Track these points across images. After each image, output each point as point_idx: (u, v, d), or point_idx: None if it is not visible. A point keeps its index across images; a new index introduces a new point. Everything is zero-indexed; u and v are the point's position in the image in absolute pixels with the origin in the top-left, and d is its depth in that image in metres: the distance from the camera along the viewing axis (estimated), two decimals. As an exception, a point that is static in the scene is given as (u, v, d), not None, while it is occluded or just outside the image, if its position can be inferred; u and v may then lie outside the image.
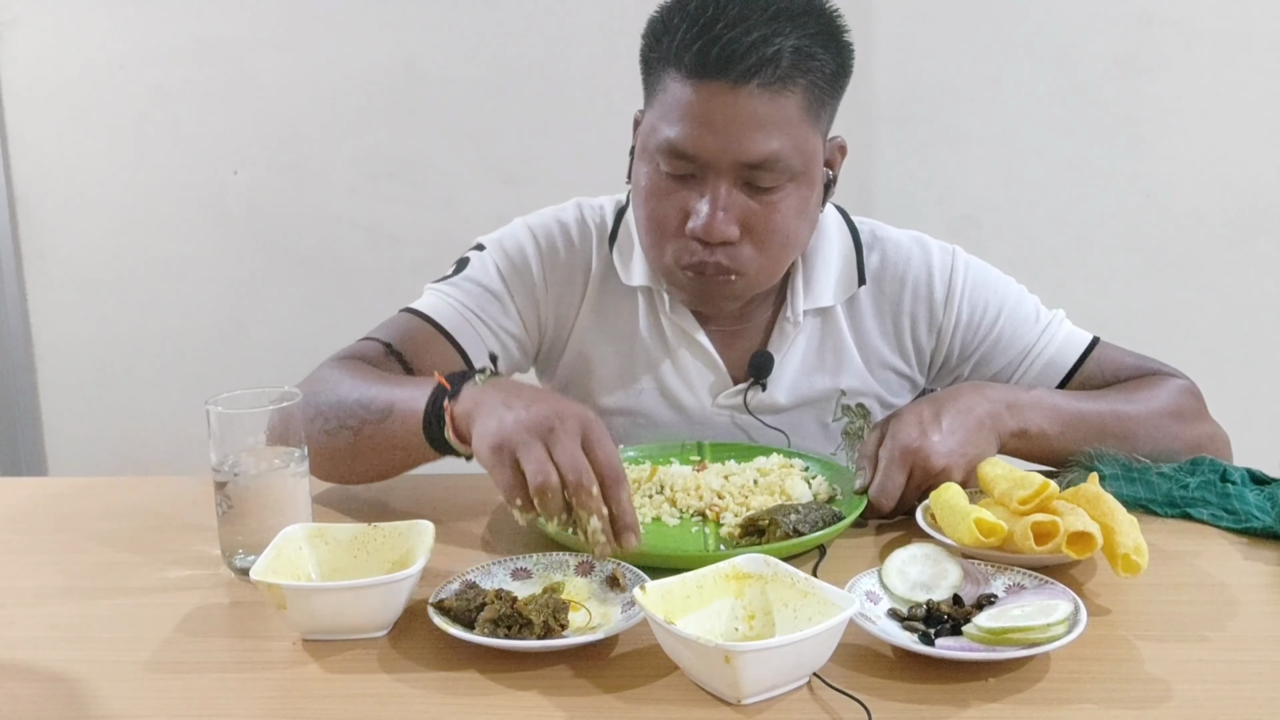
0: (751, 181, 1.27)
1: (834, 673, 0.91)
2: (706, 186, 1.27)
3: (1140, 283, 2.52)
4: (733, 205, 1.27)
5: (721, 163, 1.25)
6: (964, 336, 1.45)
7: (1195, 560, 1.14)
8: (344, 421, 1.26)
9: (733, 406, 1.45)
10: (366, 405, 1.24)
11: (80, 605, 1.08)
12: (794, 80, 1.24)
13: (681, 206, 1.29)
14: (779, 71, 1.22)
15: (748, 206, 1.28)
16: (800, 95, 1.25)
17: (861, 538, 1.21)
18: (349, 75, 2.54)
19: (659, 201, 1.30)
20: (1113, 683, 0.91)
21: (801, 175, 1.28)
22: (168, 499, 1.36)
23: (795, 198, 1.29)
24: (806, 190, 1.30)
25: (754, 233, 1.29)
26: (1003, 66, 2.44)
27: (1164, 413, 1.36)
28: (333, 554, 1.07)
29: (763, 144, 1.24)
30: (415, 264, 2.53)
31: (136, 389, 2.73)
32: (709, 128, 1.24)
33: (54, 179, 2.65)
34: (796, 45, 1.23)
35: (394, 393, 1.23)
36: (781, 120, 1.24)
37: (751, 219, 1.28)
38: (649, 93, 1.31)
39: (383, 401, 1.23)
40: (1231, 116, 2.44)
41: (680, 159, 1.26)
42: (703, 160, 1.25)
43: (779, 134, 1.24)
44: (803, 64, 1.24)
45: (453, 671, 0.94)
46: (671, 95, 1.26)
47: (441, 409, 1.15)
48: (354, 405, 1.25)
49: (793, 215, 1.30)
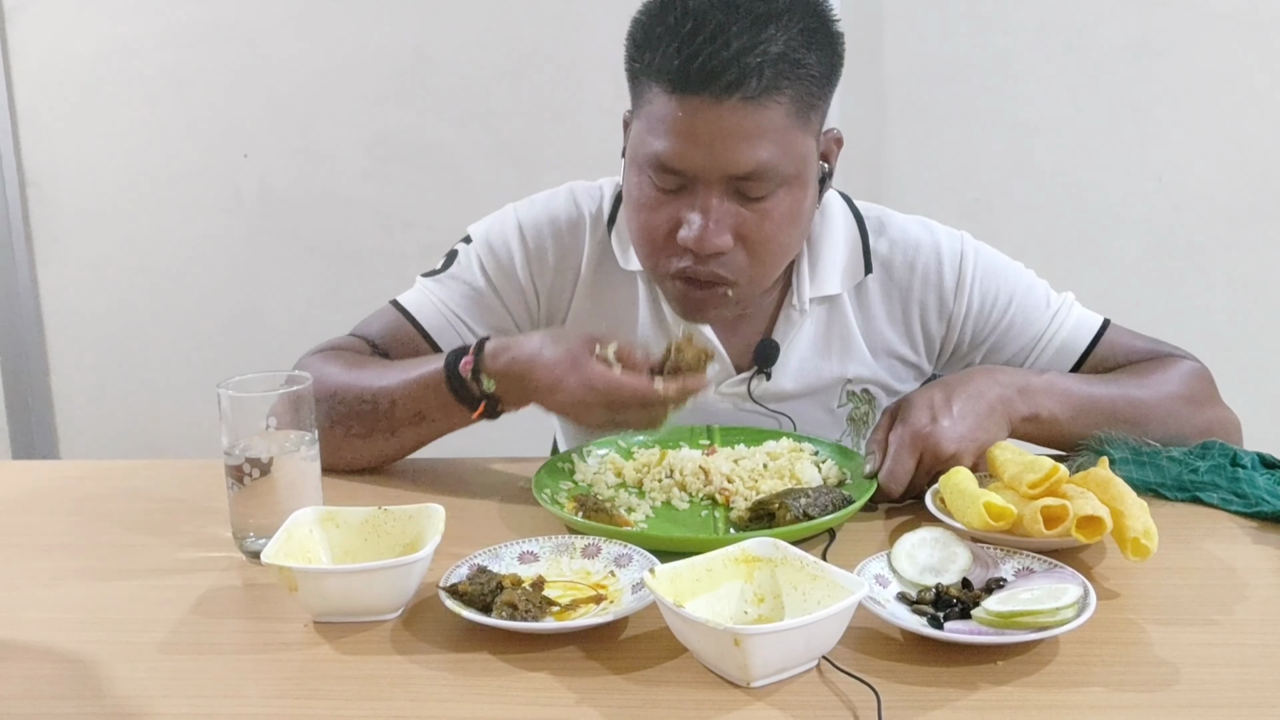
0: (742, 190, 1.25)
1: (843, 656, 0.91)
2: (697, 198, 1.25)
3: (1151, 266, 2.51)
4: (724, 215, 1.25)
5: (710, 176, 1.23)
6: (975, 324, 1.45)
7: (1205, 544, 1.14)
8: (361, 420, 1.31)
9: (737, 394, 1.45)
10: (375, 396, 1.30)
11: (94, 587, 1.09)
12: (779, 88, 1.21)
13: (673, 217, 1.27)
14: (763, 82, 1.19)
15: (739, 215, 1.26)
16: (787, 102, 1.22)
17: (871, 521, 1.22)
18: (360, 59, 2.54)
19: (650, 214, 1.29)
20: (1121, 666, 0.91)
21: (793, 179, 1.26)
22: (180, 482, 1.37)
23: (787, 202, 1.27)
24: (799, 193, 1.28)
25: (746, 241, 1.27)
26: (1013, 50, 2.43)
27: (1175, 396, 1.36)
28: (344, 537, 1.07)
29: (749, 156, 1.22)
30: (426, 248, 2.53)
31: (148, 372, 2.74)
32: (694, 143, 1.22)
33: (66, 163, 2.65)
34: (780, 52, 1.20)
35: (401, 376, 1.30)
36: (768, 130, 1.22)
37: (743, 228, 1.26)
38: (635, 101, 1.29)
39: (394, 380, 1.30)
40: (1243, 100, 2.42)
41: (669, 173, 1.25)
42: (691, 174, 1.24)
43: (766, 144, 1.22)
44: (788, 71, 1.21)
45: (464, 653, 0.94)
46: (656, 109, 1.24)
47: (462, 352, 1.24)
48: (360, 404, 1.32)
49: (785, 221, 1.28)
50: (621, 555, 1.06)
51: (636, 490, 1.27)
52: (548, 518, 1.19)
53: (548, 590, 1.00)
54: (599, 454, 1.35)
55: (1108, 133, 2.46)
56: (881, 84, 2.44)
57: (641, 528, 1.18)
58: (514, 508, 1.25)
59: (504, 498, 1.29)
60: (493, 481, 1.34)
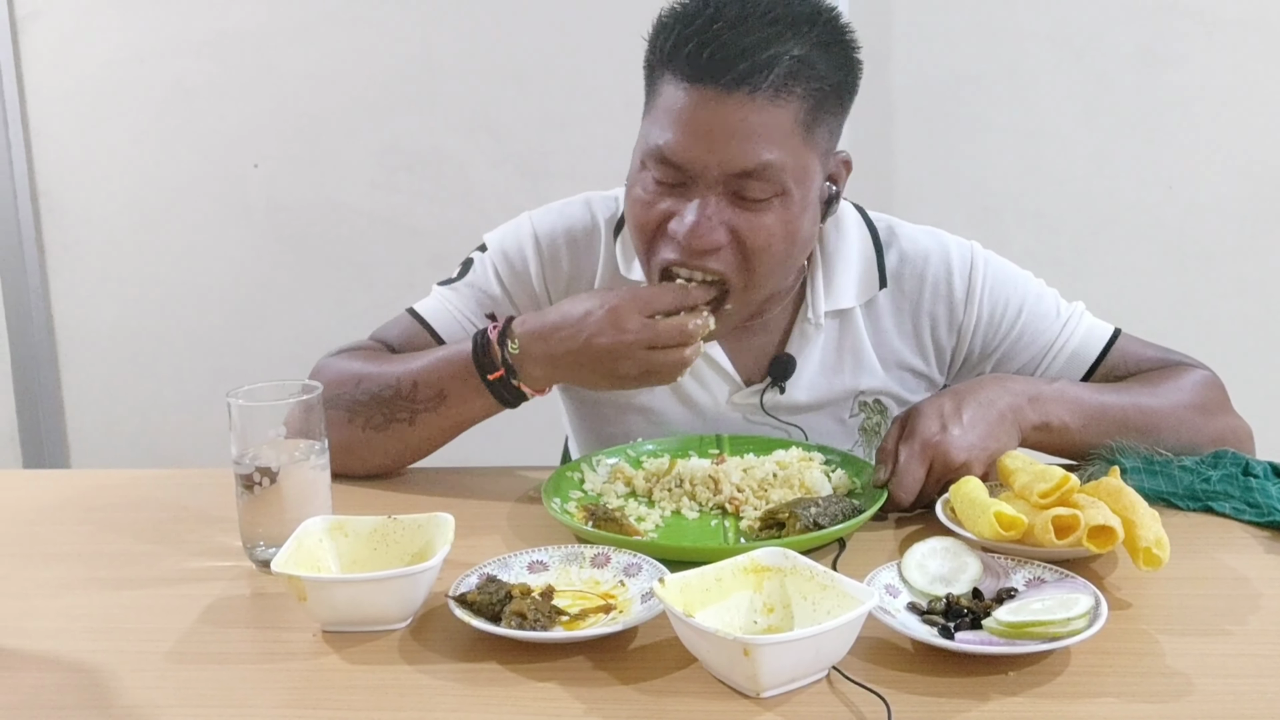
0: (740, 192, 1.24)
1: (853, 666, 0.91)
2: (694, 195, 1.25)
3: (1162, 274, 2.50)
4: (718, 213, 1.24)
5: (709, 172, 1.23)
6: (985, 334, 1.44)
7: (1217, 554, 1.13)
8: (381, 408, 1.33)
9: (749, 405, 1.45)
10: (398, 379, 1.33)
11: (103, 596, 1.09)
12: (789, 90, 1.20)
13: (668, 211, 1.27)
14: (772, 79, 1.19)
15: (734, 216, 1.25)
16: (795, 106, 1.21)
17: (881, 531, 1.21)
18: (369, 69, 2.55)
19: (646, 208, 1.28)
20: (1133, 677, 0.90)
21: (792, 190, 1.25)
22: (190, 491, 1.37)
23: (784, 214, 1.25)
24: (798, 210, 1.27)
25: (739, 243, 1.26)
26: (1022, 57, 2.43)
27: (1186, 405, 1.35)
28: (353, 546, 1.07)
29: (750, 153, 1.21)
30: (433, 257, 2.54)
31: (158, 381, 2.74)
32: (697, 135, 1.21)
33: (76, 172, 2.66)
34: (795, 54, 1.19)
35: (426, 358, 1.33)
36: (773, 130, 1.21)
37: (738, 230, 1.25)
38: (647, 95, 1.29)
39: (418, 364, 1.33)
40: (1253, 107, 2.42)
41: (669, 167, 1.24)
42: (691, 170, 1.23)
43: (769, 144, 1.21)
44: (800, 74, 1.20)
45: (473, 663, 0.94)
46: (664, 99, 1.24)
47: (485, 334, 1.28)
48: (383, 389, 1.33)
49: (779, 232, 1.26)
50: (631, 565, 1.06)
51: (646, 499, 1.27)
52: (557, 527, 1.19)
53: (557, 600, 1.00)
54: (609, 463, 1.35)
55: (1117, 141, 2.45)
56: (890, 92, 2.44)
57: (651, 537, 1.18)
58: (523, 517, 1.25)
59: (513, 507, 1.29)
60: (502, 491, 1.34)
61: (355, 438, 1.33)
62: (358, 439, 1.34)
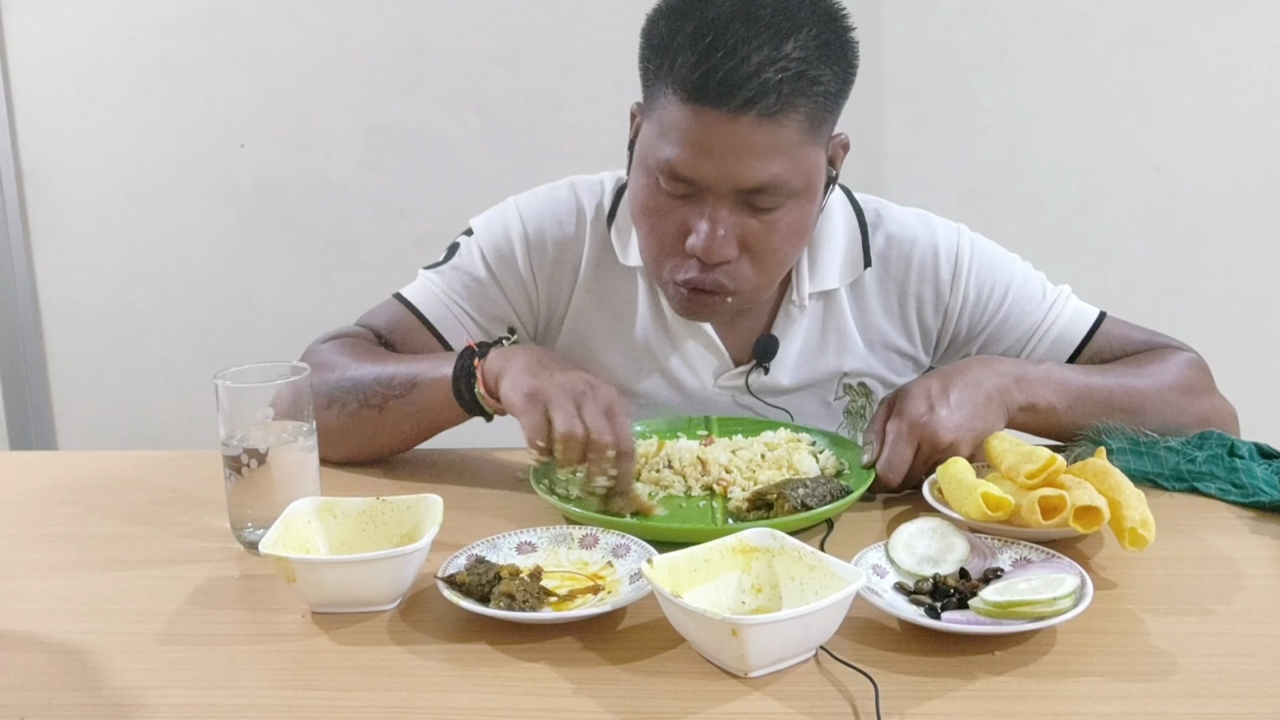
0: (751, 202, 1.25)
1: (841, 646, 0.91)
2: (706, 206, 1.25)
3: (1149, 256, 2.51)
4: (732, 226, 1.25)
5: (720, 187, 1.23)
6: (971, 316, 1.45)
7: (1202, 534, 1.14)
8: (366, 400, 1.32)
9: (734, 388, 1.45)
10: (387, 381, 1.32)
11: (91, 578, 1.09)
12: (794, 105, 1.20)
13: (681, 224, 1.27)
14: (779, 99, 1.19)
15: (747, 226, 1.26)
16: (801, 118, 1.22)
17: (868, 512, 1.22)
18: (356, 49, 2.53)
19: (658, 219, 1.29)
20: (1119, 656, 0.91)
21: (802, 192, 1.27)
22: (177, 473, 1.37)
23: (795, 214, 1.27)
24: (807, 204, 1.29)
25: (752, 251, 1.27)
26: (1011, 38, 2.43)
27: (1172, 387, 1.36)
28: (341, 528, 1.07)
29: (761, 170, 1.22)
30: (422, 237, 2.53)
31: (145, 363, 2.73)
32: (707, 155, 1.22)
33: (61, 153, 2.64)
34: (798, 70, 1.19)
35: (413, 366, 1.32)
36: (782, 145, 1.22)
37: (750, 238, 1.26)
38: (647, 101, 1.29)
39: (404, 375, 1.31)
40: (1242, 89, 2.42)
41: (679, 181, 1.25)
42: (701, 184, 1.24)
43: (778, 159, 1.22)
44: (804, 88, 1.20)
45: (462, 643, 0.94)
46: (670, 116, 1.23)
47: (471, 368, 1.25)
48: (373, 383, 1.32)
49: (792, 232, 1.28)
50: (619, 545, 1.06)
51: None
52: (545, 508, 1.19)
53: (545, 580, 1.01)
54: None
55: (1105, 122, 2.45)
56: (879, 73, 2.44)
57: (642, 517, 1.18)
58: (512, 498, 1.26)
59: (502, 488, 1.29)
60: (491, 472, 1.34)
61: (345, 422, 1.33)
62: (359, 430, 1.33)
